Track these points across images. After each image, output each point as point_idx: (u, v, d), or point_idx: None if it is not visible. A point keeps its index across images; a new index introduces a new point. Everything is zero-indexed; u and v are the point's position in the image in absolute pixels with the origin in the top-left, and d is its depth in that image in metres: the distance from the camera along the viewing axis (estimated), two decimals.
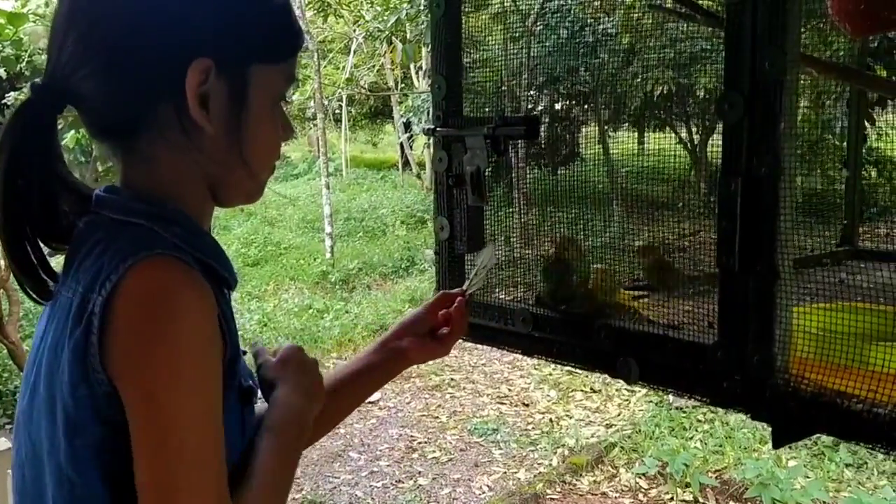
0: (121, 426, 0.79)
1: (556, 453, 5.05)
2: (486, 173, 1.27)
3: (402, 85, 17.21)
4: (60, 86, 0.88)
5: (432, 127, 1.32)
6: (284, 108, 0.99)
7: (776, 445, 0.92)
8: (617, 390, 5.96)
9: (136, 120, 0.89)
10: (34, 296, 0.91)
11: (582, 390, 6.06)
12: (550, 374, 6.35)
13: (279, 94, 0.95)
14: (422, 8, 9.66)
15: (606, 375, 1.13)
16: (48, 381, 0.84)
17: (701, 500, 4.40)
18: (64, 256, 0.92)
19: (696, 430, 5.15)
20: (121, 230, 0.86)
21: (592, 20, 1.49)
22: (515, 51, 1.42)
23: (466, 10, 1.34)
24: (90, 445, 0.81)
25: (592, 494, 4.57)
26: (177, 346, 0.79)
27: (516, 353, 1.23)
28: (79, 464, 0.81)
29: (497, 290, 1.32)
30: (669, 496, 4.47)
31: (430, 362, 6.56)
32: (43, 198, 0.89)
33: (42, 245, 0.91)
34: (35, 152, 0.88)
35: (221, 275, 0.91)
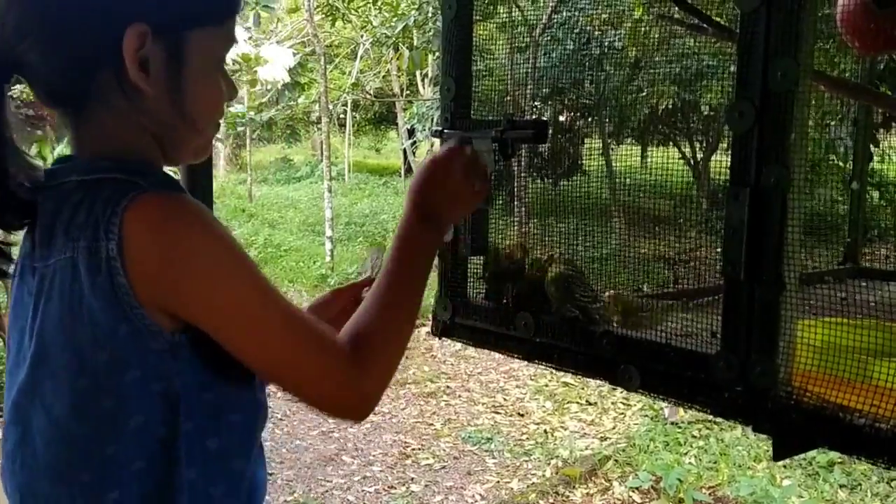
0: (168, 351, 0.87)
1: (549, 464, 5.04)
2: (492, 177, 1.27)
3: (408, 92, 17.24)
4: (5, 57, 0.93)
5: (440, 129, 1.32)
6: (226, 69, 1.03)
7: (777, 458, 0.92)
8: (612, 403, 5.94)
9: (79, 87, 0.93)
10: None
11: (577, 402, 6.04)
12: (546, 385, 6.33)
13: (219, 55, 1.00)
14: (430, 15, 9.68)
15: (605, 385, 1.13)
16: (66, 345, 0.88)
17: None
18: (34, 230, 0.94)
19: (691, 446, 5.13)
20: (101, 186, 0.90)
21: (599, 33, 1.49)
22: (521, 61, 1.43)
23: (475, 18, 1.34)
24: (141, 378, 0.87)
25: None
26: (207, 249, 0.87)
27: (516, 357, 1.23)
28: (134, 396, 0.87)
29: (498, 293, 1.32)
30: None
31: (427, 369, 6.55)
32: None
33: None
34: None
35: None
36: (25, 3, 0.92)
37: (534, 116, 1.51)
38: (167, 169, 1.04)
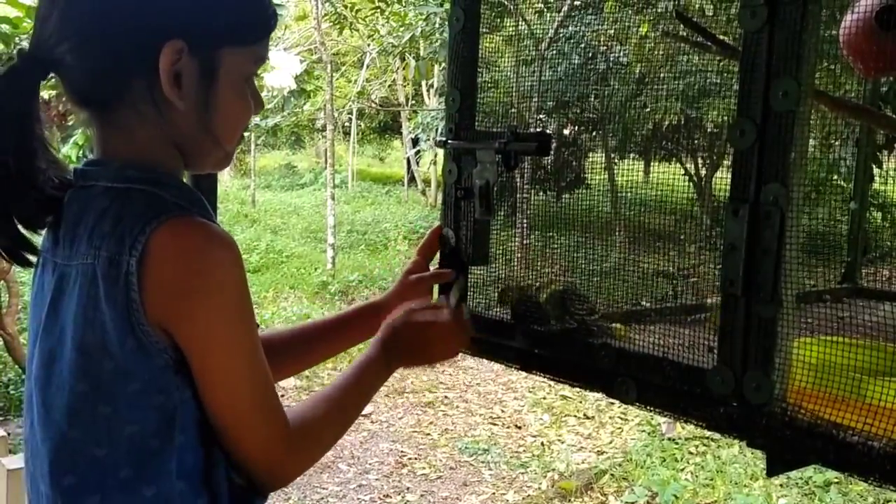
0: (170, 366, 0.90)
1: (545, 477, 5.03)
2: (494, 189, 1.28)
3: (413, 101, 17.29)
4: (44, 56, 0.95)
5: (444, 139, 1.33)
6: (255, 83, 1.05)
7: (770, 473, 0.93)
8: (610, 418, 5.94)
9: (111, 93, 0.96)
10: (5, 255, 0.98)
11: (575, 416, 6.03)
12: (544, 398, 6.33)
13: (249, 72, 1.01)
14: (437, 26, 9.71)
15: (603, 399, 1.13)
16: (78, 343, 0.90)
17: None
18: (59, 227, 0.96)
19: (688, 462, 5.12)
20: (128, 196, 0.92)
21: (605, 48, 1.50)
22: (527, 74, 1.44)
23: (481, 31, 1.35)
24: (142, 390, 0.89)
25: None
26: (221, 291, 0.90)
27: (515, 367, 1.23)
28: (132, 406, 0.89)
29: (498, 306, 1.33)
30: None
31: (425, 379, 6.54)
32: (21, 155, 0.94)
33: (17, 213, 0.97)
34: (16, 113, 0.94)
35: None
36: (66, 8, 0.94)
37: (538, 129, 1.52)
38: None
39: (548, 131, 1.39)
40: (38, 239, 1.01)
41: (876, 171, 1.95)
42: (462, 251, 1.32)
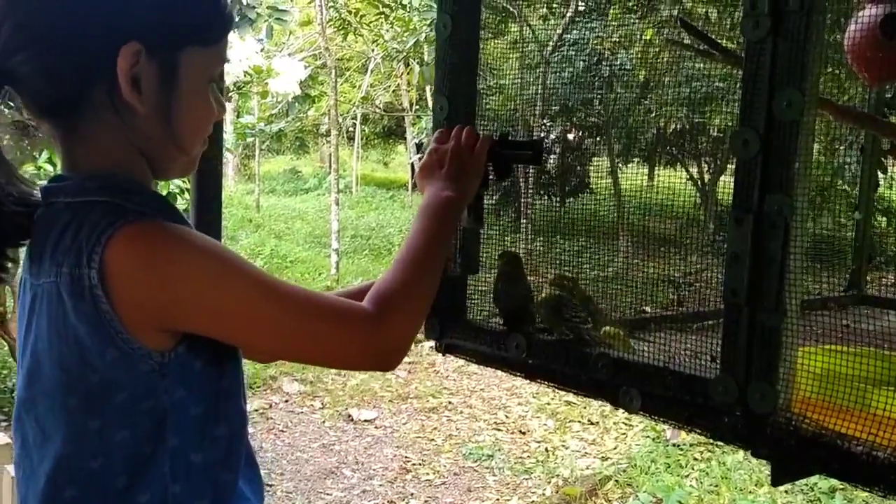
0: (156, 371, 0.89)
1: (549, 483, 5.02)
2: (488, 196, 1.26)
3: (417, 106, 17.29)
4: None
5: (422, 142, 1.32)
6: (216, 87, 1.03)
7: (775, 483, 0.92)
8: (614, 423, 5.92)
9: (72, 101, 0.94)
10: None
11: (579, 421, 6.02)
12: (548, 404, 6.31)
13: (211, 74, 1.00)
14: None
15: (607, 405, 1.13)
16: (55, 363, 0.89)
17: None
18: (32, 247, 0.96)
19: (693, 469, 5.10)
20: (89, 209, 0.90)
21: (610, 54, 1.50)
22: (531, 79, 1.43)
23: (484, 36, 1.34)
24: (129, 398, 0.88)
25: None
26: (194, 266, 0.89)
27: (518, 376, 1.23)
28: (122, 414, 0.89)
29: (495, 314, 1.31)
30: None
31: (429, 384, 6.53)
32: None
33: None
34: None
35: None
36: (21, 16, 0.92)
37: (542, 134, 1.51)
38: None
39: (541, 137, 1.37)
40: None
41: (881, 176, 1.95)
42: (452, 261, 1.30)
